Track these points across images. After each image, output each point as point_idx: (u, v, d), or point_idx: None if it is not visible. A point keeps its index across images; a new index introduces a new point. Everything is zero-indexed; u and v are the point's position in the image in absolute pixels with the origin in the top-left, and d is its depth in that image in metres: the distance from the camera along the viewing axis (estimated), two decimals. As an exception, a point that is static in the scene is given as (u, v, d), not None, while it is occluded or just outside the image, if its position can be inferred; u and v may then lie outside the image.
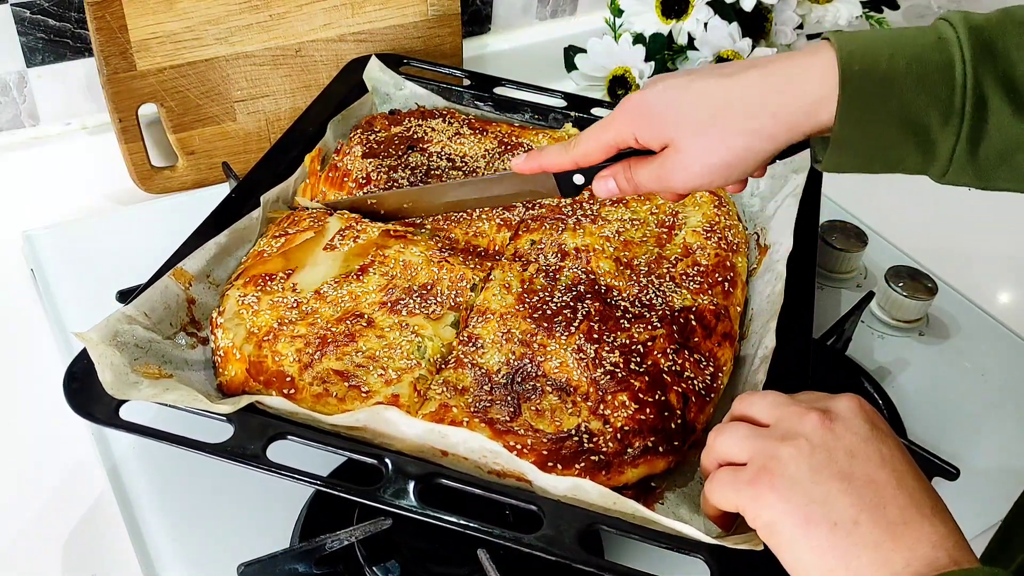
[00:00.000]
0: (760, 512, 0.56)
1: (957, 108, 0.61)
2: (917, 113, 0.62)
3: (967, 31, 0.61)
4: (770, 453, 0.57)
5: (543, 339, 0.80)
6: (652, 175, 0.70)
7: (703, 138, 0.66)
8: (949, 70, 0.61)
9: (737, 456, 0.59)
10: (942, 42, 0.62)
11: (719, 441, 0.61)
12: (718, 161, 0.67)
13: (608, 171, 0.73)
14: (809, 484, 0.55)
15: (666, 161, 0.68)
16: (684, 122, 0.67)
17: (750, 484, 0.57)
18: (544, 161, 0.75)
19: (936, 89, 0.61)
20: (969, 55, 0.61)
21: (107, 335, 0.72)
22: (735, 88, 0.66)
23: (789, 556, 0.55)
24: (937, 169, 0.64)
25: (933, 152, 0.63)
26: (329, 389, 0.75)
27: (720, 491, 0.59)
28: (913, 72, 0.61)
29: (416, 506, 0.65)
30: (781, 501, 0.55)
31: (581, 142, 0.72)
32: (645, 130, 0.68)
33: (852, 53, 0.62)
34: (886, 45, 0.63)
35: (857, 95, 0.62)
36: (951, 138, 0.62)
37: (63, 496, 0.81)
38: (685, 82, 0.68)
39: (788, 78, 0.64)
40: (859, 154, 0.64)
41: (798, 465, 0.56)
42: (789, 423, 0.58)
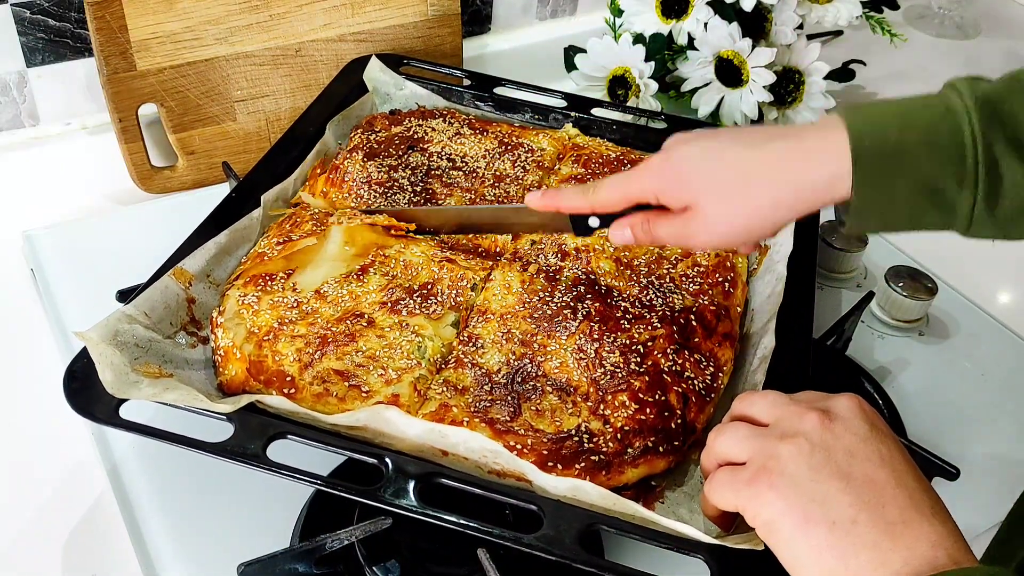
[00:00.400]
0: (759, 511, 0.56)
1: (970, 172, 0.63)
2: (932, 180, 0.63)
3: (974, 99, 0.63)
4: (769, 452, 0.57)
5: (543, 339, 0.80)
6: (673, 232, 0.72)
7: (727, 205, 0.69)
8: (958, 137, 0.63)
9: (737, 456, 0.59)
10: (950, 112, 0.63)
11: (719, 441, 0.61)
12: (740, 226, 0.70)
13: (626, 220, 0.74)
14: (808, 483, 0.55)
15: (690, 222, 0.71)
16: (710, 188, 0.69)
17: (749, 483, 0.57)
18: (562, 203, 0.77)
19: (948, 157, 0.63)
20: (978, 121, 0.62)
21: (107, 334, 0.72)
22: (760, 159, 0.68)
23: (788, 554, 0.55)
24: (959, 225, 0.65)
25: (953, 212, 0.64)
26: (329, 389, 0.75)
27: (719, 491, 0.59)
28: (924, 144, 0.63)
29: (416, 506, 0.65)
30: (780, 499, 0.55)
31: (602, 190, 0.74)
32: (670, 192, 0.71)
33: (862, 131, 0.64)
34: (895, 118, 0.64)
35: (871, 170, 0.64)
36: (969, 199, 0.63)
37: (63, 496, 0.81)
38: (712, 149, 0.70)
39: (806, 153, 0.67)
40: (880, 219, 0.67)
41: (797, 464, 0.56)
42: (789, 423, 0.58)
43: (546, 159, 1.01)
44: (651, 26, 1.23)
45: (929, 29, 1.62)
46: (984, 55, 1.58)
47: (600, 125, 1.07)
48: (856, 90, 1.42)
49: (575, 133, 1.06)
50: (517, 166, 0.99)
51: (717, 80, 1.19)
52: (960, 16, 1.63)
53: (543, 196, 0.78)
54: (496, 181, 0.97)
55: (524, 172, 0.99)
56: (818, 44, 1.21)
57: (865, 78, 1.43)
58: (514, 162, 1.00)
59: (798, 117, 1.23)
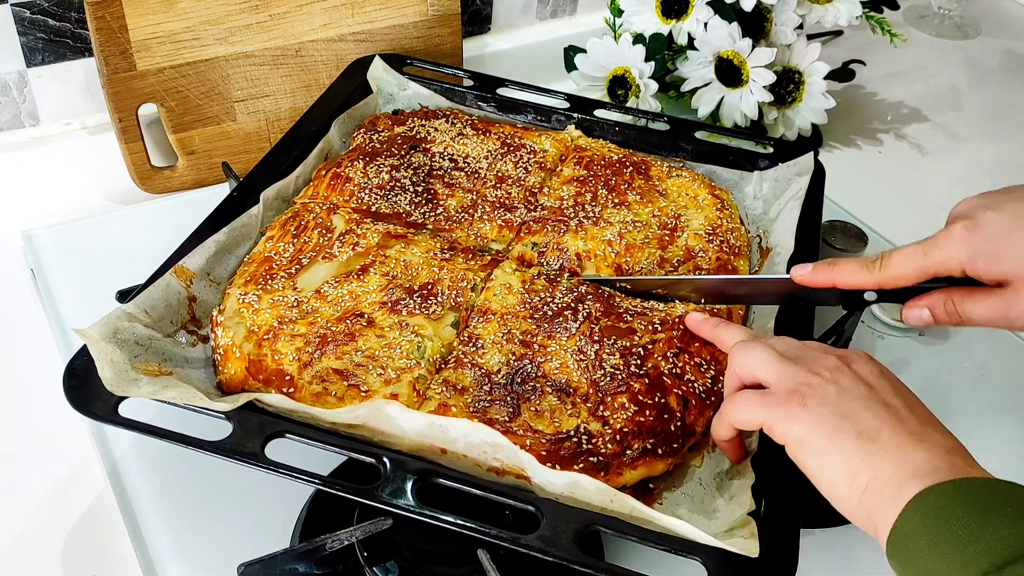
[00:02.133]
0: (790, 427, 0.62)
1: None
2: None
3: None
4: (801, 379, 0.63)
5: (543, 340, 0.80)
6: (992, 312, 0.67)
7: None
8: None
9: (767, 377, 0.65)
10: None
11: (749, 358, 0.67)
12: None
13: (925, 300, 0.70)
14: (837, 402, 0.61)
15: (1013, 300, 0.66)
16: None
17: (781, 404, 0.63)
18: (840, 279, 0.72)
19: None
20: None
21: (107, 332, 0.72)
22: None
23: (815, 464, 0.61)
24: None
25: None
26: (328, 388, 0.75)
27: (747, 408, 0.65)
28: None
29: (414, 505, 0.65)
30: (812, 415, 0.61)
31: (893, 265, 0.69)
32: (981, 264, 0.66)
33: None
34: None
35: None
36: None
37: (63, 495, 0.81)
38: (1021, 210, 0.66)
39: None
40: None
41: (826, 390, 0.62)
42: (812, 360, 0.65)
43: (548, 160, 1.01)
44: (651, 26, 1.23)
45: (929, 29, 1.62)
46: (984, 55, 1.58)
47: (602, 126, 1.07)
48: (856, 90, 1.42)
49: (578, 135, 1.05)
50: (519, 167, 0.99)
51: (717, 80, 1.19)
52: (960, 16, 1.63)
53: (815, 271, 0.73)
54: (498, 182, 0.97)
55: (526, 173, 0.99)
56: (818, 44, 1.21)
57: (865, 78, 1.43)
58: (516, 163, 1.00)
59: (798, 117, 1.23)
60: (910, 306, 0.72)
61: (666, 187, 0.98)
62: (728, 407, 0.67)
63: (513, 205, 0.95)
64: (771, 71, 1.16)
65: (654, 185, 0.98)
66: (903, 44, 1.31)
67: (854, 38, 1.52)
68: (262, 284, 0.82)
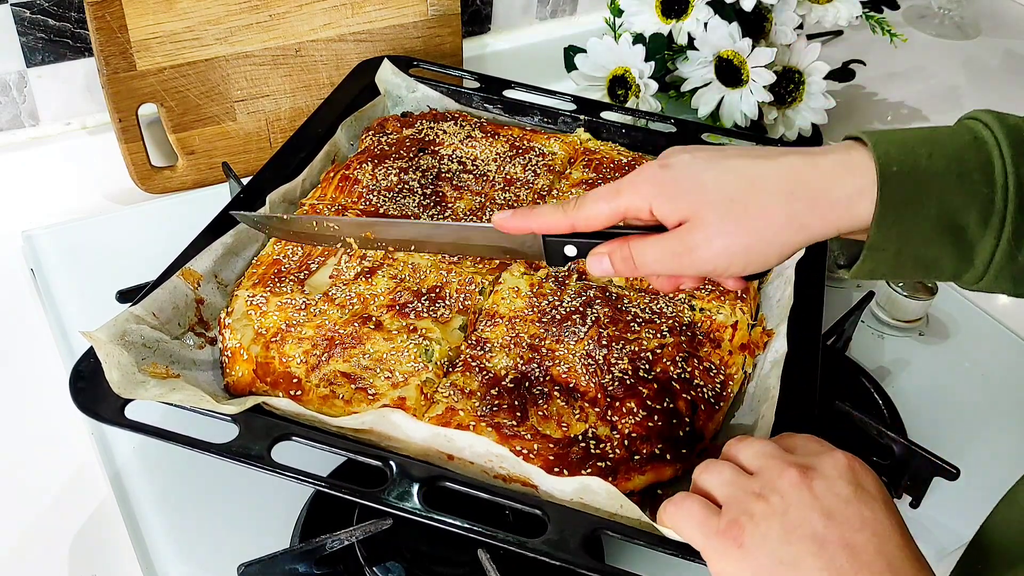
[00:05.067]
0: (724, 567, 0.55)
1: (999, 208, 0.58)
2: (956, 214, 0.58)
3: (1003, 131, 0.59)
4: (744, 507, 0.56)
5: (552, 344, 0.80)
6: (662, 252, 0.62)
7: (730, 216, 0.60)
8: (989, 169, 0.58)
9: (715, 496, 0.58)
10: (979, 142, 0.59)
11: (702, 477, 0.60)
12: (741, 243, 0.60)
13: (604, 247, 0.65)
14: (779, 544, 0.54)
15: (684, 237, 0.61)
16: (711, 196, 0.61)
17: (719, 535, 0.56)
18: (535, 222, 0.66)
19: (976, 189, 0.58)
20: (1008, 154, 0.58)
21: (115, 334, 0.72)
22: (771, 168, 0.61)
23: None
24: (972, 275, 0.60)
25: (971, 256, 0.59)
26: (336, 391, 0.75)
27: (687, 524, 0.58)
28: (953, 171, 0.58)
29: (420, 509, 0.65)
30: (746, 560, 0.54)
31: (585, 204, 0.64)
32: (665, 201, 0.61)
33: (888, 153, 0.59)
34: (922, 144, 0.59)
35: (896, 195, 0.58)
36: (991, 240, 0.58)
37: (63, 496, 0.81)
38: (715, 155, 0.63)
39: (826, 170, 0.60)
40: (893, 259, 0.60)
41: (770, 524, 0.54)
42: (769, 476, 0.57)
43: (557, 163, 1.01)
44: (651, 26, 1.22)
45: (929, 29, 1.62)
46: (984, 55, 1.58)
47: (610, 129, 1.07)
48: (856, 90, 1.42)
49: (587, 137, 1.05)
50: (528, 170, 0.99)
51: (717, 80, 1.19)
52: (960, 16, 1.64)
53: (514, 215, 0.67)
54: (506, 184, 0.97)
55: (535, 176, 0.99)
56: (818, 44, 1.21)
57: (865, 78, 1.43)
58: (525, 166, 1.00)
59: (798, 117, 1.23)
60: (592, 254, 0.66)
61: (675, 190, 0.98)
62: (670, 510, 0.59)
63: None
64: (771, 71, 1.16)
65: (663, 188, 0.98)
66: (903, 44, 1.31)
67: (854, 38, 1.52)
68: (270, 287, 0.82)
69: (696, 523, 0.57)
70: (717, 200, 0.60)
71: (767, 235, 0.60)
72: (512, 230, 0.67)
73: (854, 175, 0.59)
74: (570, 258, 0.67)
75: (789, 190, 0.60)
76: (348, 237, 0.75)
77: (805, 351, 0.80)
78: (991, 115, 0.60)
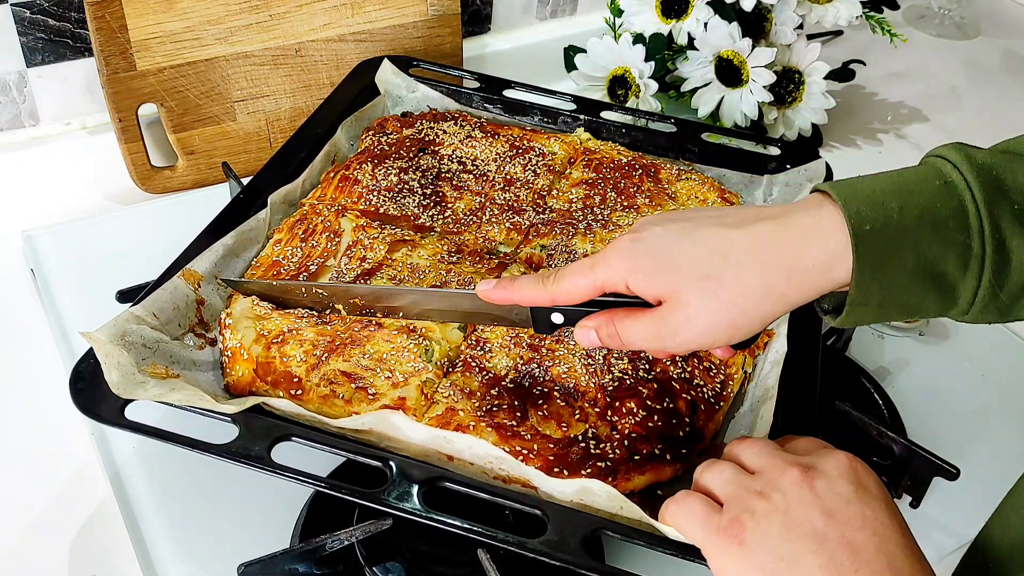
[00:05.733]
0: (725, 564, 0.55)
1: (976, 253, 0.58)
2: (934, 263, 0.58)
3: (973, 172, 0.58)
4: (745, 505, 0.56)
5: (551, 344, 0.80)
6: (647, 333, 0.62)
7: (708, 294, 0.59)
8: (962, 216, 0.58)
9: (717, 494, 0.59)
10: (950, 187, 0.58)
11: (704, 476, 0.61)
12: (724, 321, 0.60)
13: (591, 321, 0.65)
14: (779, 542, 0.54)
15: (667, 319, 0.61)
16: (687, 273, 0.60)
17: (720, 532, 0.56)
18: (517, 295, 0.66)
19: (952, 237, 0.57)
20: (981, 197, 0.57)
21: (115, 335, 0.72)
22: (744, 239, 0.60)
23: None
24: (958, 311, 0.60)
25: (954, 298, 0.59)
26: (336, 390, 0.75)
27: (688, 521, 0.58)
28: (926, 222, 0.58)
29: (420, 509, 0.65)
30: (747, 557, 0.54)
31: (563, 278, 0.64)
32: (640, 279, 0.61)
33: (860, 212, 0.57)
34: (892, 196, 0.58)
35: (872, 254, 0.57)
36: (972, 283, 0.58)
37: (63, 496, 0.81)
38: (688, 228, 0.61)
39: (798, 235, 0.59)
40: (877, 309, 0.60)
41: (770, 521, 0.55)
42: (771, 475, 0.57)
43: (557, 163, 1.01)
44: (651, 26, 1.23)
45: (929, 29, 1.62)
46: (984, 55, 1.58)
47: (610, 129, 1.07)
48: (856, 90, 1.42)
49: (587, 137, 1.05)
50: (528, 170, 0.99)
51: (717, 80, 1.19)
52: (960, 16, 1.64)
53: (497, 287, 0.67)
54: (507, 184, 0.97)
55: (535, 176, 0.99)
56: (818, 44, 1.21)
57: (865, 78, 1.43)
58: (525, 166, 1.00)
59: (798, 117, 1.23)
60: (580, 327, 0.65)
61: (675, 190, 0.98)
62: (671, 508, 0.60)
63: (521, 208, 0.94)
64: (771, 71, 1.16)
65: (663, 188, 0.98)
66: (903, 44, 1.31)
67: (854, 38, 1.52)
68: None
69: (697, 521, 0.58)
70: (693, 279, 0.60)
71: (747, 308, 0.60)
72: (495, 301, 0.67)
73: (826, 238, 0.58)
74: (557, 325, 0.67)
75: (763, 262, 0.59)
76: (337, 303, 0.78)
77: (805, 351, 0.80)
78: (959, 154, 0.60)
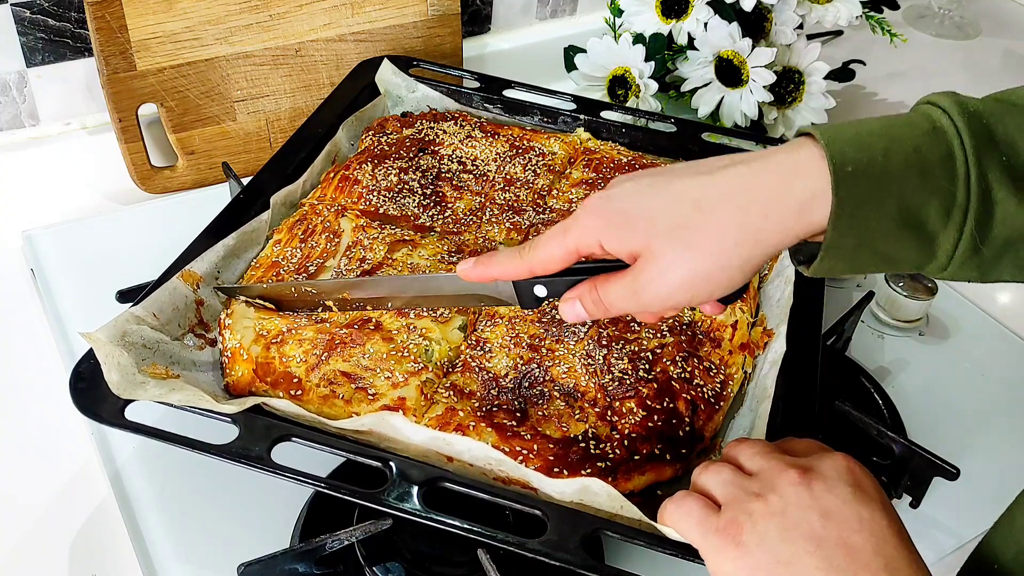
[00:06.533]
0: (722, 565, 0.55)
1: (960, 203, 0.55)
2: (916, 210, 0.55)
3: (964, 119, 0.56)
4: (743, 506, 0.56)
5: (552, 344, 0.80)
6: (624, 292, 0.60)
7: (680, 244, 0.57)
8: (950, 162, 0.55)
9: (715, 495, 0.59)
10: (938, 132, 0.56)
11: (702, 476, 0.60)
12: (700, 270, 0.57)
13: (574, 292, 0.63)
14: (777, 543, 0.54)
15: (640, 275, 0.58)
16: (658, 226, 0.58)
17: (718, 533, 0.56)
18: (496, 270, 0.64)
19: (937, 183, 0.55)
20: (970, 145, 0.55)
21: (115, 335, 0.72)
22: (717, 184, 0.57)
23: None
24: (935, 266, 0.58)
25: (933, 250, 0.57)
26: (336, 391, 0.75)
27: (686, 522, 0.58)
28: (912, 167, 0.55)
29: (420, 510, 0.65)
30: (745, 558, 0.54)
31: (538, 247, 0.62)
32: (612, 236, 0.59)
33: (843, 151, 0.55)
34: (878, 138, 0.56)
35: (852, 196, 0.55)
36: (954, 234, 0.56)
37: (63, 496, 0.81)
38: (659, 181, 0.59)
39: (774, 176, 0.56)
40: (852, 257, 0.57)
41: (768, 523, 0.55)
42: (768, 476, 0.57)
43: (557, 163, 1.01)
44: (651, 26, 1.22)
45: (929, 29, 1.62)
46: (984, 55, 1.58)
47: (610, 128, 1.07)
48: (856, 90, 1.42)
49: (587, 137, 1.05)
50: (528, 169, 0.99)
51: (717, 80, 1.19)
52: (960, 16, 1.64)
53: (476, 265, 0.65)
54: (507, 184, 0.97)
55: (535, 176, 0.99)
56: (818, 44, 1.21)
57: (865, 78, 1.43)
58: (525, 166, 1.00)
59: (798, 117, 1.23)
60: (564, 300, 0.64)
61: (676, 190, 0.98)
62: (670, 508, 0.59)
63: (522, 208, 0.94)
64: (771, 71, 1.16)
65: (664, 188, 0.98)
66: (903, 44, 1.31)
67: (854, 38, 1.52)
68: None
69: (695, 521, 0.57)
70: (664, 230, 0.57)
71: (722, 257, 0.57)
72: (474, 279, 0.66)
73: (805, 178, 0.56)
74: (542, 299, 0.66)
75: (737, 205, 0.57)
76: (327, 299, 0.77)
77: (805, 351, 0.80)
78: (950, 99, 0.57)
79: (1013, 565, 0.60)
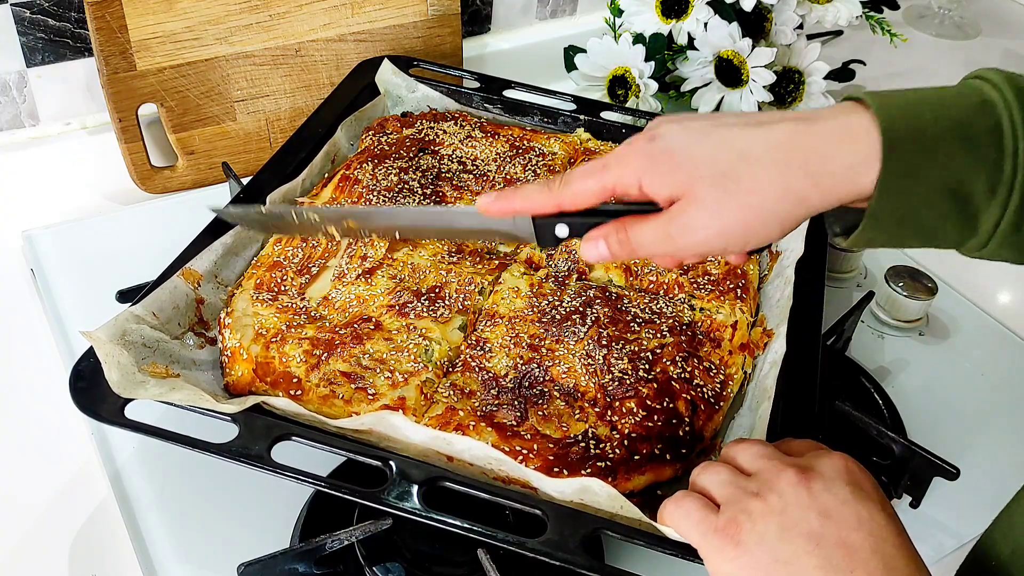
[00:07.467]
0: (721, 564, 0.55)
1: (1007, 177, 0.55)
2: (962, 182, 0.55)
3: (1014, 93, 0.55)
4: (742, 506, 0.56)
5: (551, 344, 0.80)
6: (657, 234, 0.59)
7: (725, 193, 0.56)
8: (998, 135, 0.55)
9: (714, 495, 0.59)
10: (987, 105, 0.56)
11: (701, 477, 0.60)
12: (739, 220, 0.57)
13: (599, 231, 0.61)
14: (776, 542, 0.54)
15: (678, 217, 0.58)
16: (703, 171, 0.57)
17: (717, 533, 0.56)
18: (519, 203, 0.63)
19: (984, 155, 0.55)
20: (1019, 118, 0.55)
21: (115, 334, 0.72)
22: (766, 137, 0.57)
23: None
24: (976, 243, 0.57)
25: (975, 225, 0.56)
26: (336, 391, 0.75)
27: (685, 522, 0.58)
28: (959, 137, 0.55)
29: (420, 509, 0.65)
30: (744, 557, 0.54)
31: (572, 181, 0.61)
32: (656, 176, 0.58)
33: (893, 116, 0.55)
34: (928, 107, 0.56)
35: (901, 164, 0.54)
36: (997, 210, 0.55)
37: (63, 496, 0.81)
38: (706, 126, 0.59)
39: (824, 137, 0.56)
40: (894, 228, 0.57)
41: (767, 522, 0.55)
42: (767, 476, 0.57)
43: (557, 163, 1.01)
44: (651, 26, 1.23)
45: (929, 29, 1.62)
46: (984, 55, 1.58)
47: (610, 129, 1.07)
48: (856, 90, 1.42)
49: (587, 137, 1.05)
50: (528, 169, 0.99)
51: (717, 80, 1.19)
52: (960, 16, 1.64)
53: (498, 198, 0.63)
54: (507, 184, 0.97)
55: (535, 176, 0.99)
56: (818, 44, 1.21)
57: (865, 78, 1.43)
58: (525, 166, 1.00)
59: (798, 117, 1.23)
60: (586, 240, 0.62)
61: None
62: (669, 508, 0.59)
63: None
64: (771, 71, 1.16)
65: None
66: (903, 44, 1.31)
67: (854, 38, 1.52)
68: (271, 290, 0.82)
69: (694, 521, 0.57)
70: (708, 175, 0.57)
71: (763, 210, 0.57)
72: (495, 213, 0.63)
73: (855, 142, 0.55)
74: (562, 239, 0.64)
75: (784, 161, 0.56)
76: (329, 226, 0.71)
77: (805, 351, 0.80)
78: (1000, 75, 0.57)
79: (1010, 562, 0.60)
